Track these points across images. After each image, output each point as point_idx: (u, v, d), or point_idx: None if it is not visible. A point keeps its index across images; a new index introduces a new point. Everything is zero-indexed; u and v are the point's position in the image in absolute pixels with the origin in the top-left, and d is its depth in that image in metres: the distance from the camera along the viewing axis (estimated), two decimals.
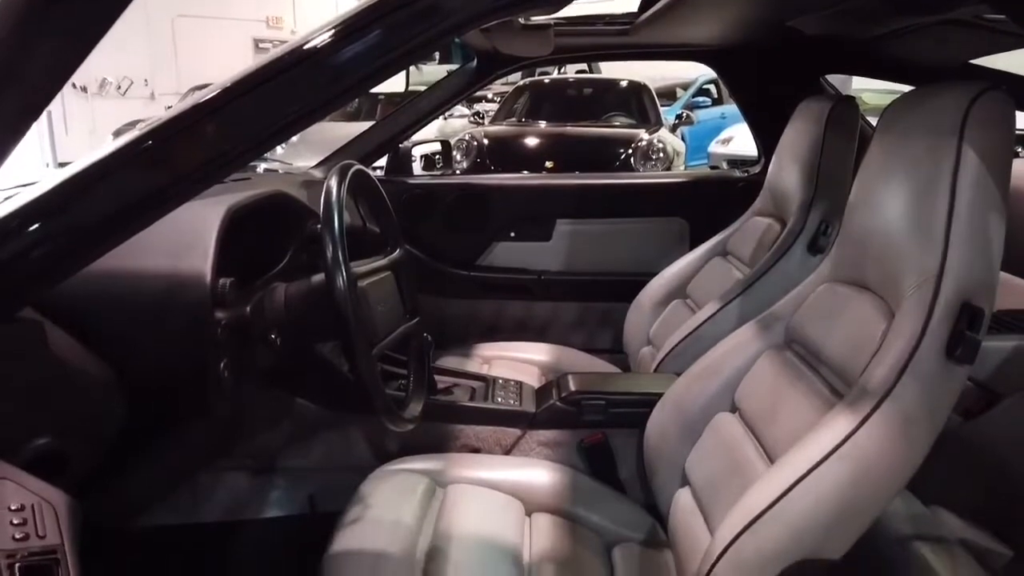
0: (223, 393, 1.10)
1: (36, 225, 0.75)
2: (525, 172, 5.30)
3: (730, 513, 0.96)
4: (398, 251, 1.35)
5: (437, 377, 1.67)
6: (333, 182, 1.11)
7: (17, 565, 0.63)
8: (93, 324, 0.99)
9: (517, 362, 2.00)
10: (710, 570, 0.94)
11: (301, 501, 1.64)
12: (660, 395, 1.38)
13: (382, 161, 2.42)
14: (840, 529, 0.90)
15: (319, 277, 1.13)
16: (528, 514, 1.36)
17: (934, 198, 0.90)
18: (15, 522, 0.67)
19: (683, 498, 1.24)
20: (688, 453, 1.27)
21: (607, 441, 1.53)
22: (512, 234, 2.44)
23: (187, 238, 1.10)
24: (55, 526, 0.70)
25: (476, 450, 1.57)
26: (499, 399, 1.63)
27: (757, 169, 2.36)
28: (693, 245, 2.20)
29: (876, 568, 1.11)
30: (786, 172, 1.84)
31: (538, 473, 1.43)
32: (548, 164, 5.64)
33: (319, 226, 1.06)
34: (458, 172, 2.68)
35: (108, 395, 1.01)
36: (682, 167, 6.35)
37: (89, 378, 0.98)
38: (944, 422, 0.88)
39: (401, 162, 2.43)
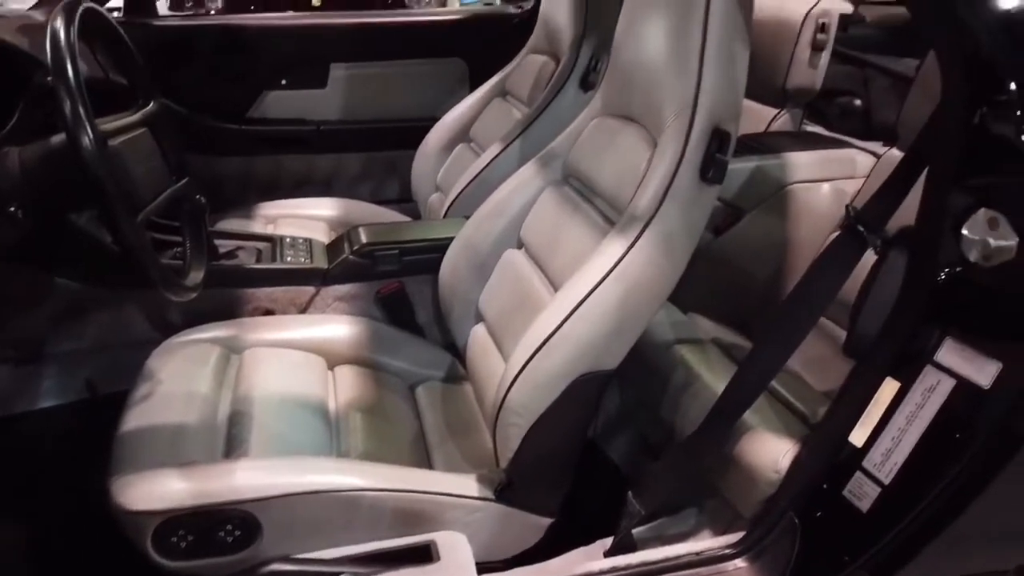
0: None
1: None
2: (290, 12, 4.85)
3: (521, 341, 1.04)
4: (152, 104, 1.21)
5: (217, 241, 1.57)
6: (59, 24, 0.95)
7: None
8: None
9: (303, 219, 1.93)
10: (506, 394, 1.02)
11: (78, 386, 1.52)
12: (452, 239, 1.41)
13: (117, 0, 2.09)
14: (617, 342, 1.01)
15: (59, 137, 0.99)
16: (331, 368, 1.37)
17: (688, 29, 0.96)
18: None
19: (478, 333, 1.31)
20: (480, 291, 1.33)
21: (403, 289, 1.55)
22: (284, 81, 2.26)
23: None
24: None
25: (270, 312, 1.53)
26: (288, 258, 1.57)
27: (530, 5, 2.34)
28: (473, 86, 2.18)
29: (644, 370, 1.26)
30: (557, 7, 1.85)
31: (337, 327, 1.43)
32: (315, 1, 5.18)
33: (50, 79, 0.92)
34: (212, 11, 2.34)
35: None
36: (457, 3, 6.14)
37: None
38: (698, 239, 1.00)
39: None
